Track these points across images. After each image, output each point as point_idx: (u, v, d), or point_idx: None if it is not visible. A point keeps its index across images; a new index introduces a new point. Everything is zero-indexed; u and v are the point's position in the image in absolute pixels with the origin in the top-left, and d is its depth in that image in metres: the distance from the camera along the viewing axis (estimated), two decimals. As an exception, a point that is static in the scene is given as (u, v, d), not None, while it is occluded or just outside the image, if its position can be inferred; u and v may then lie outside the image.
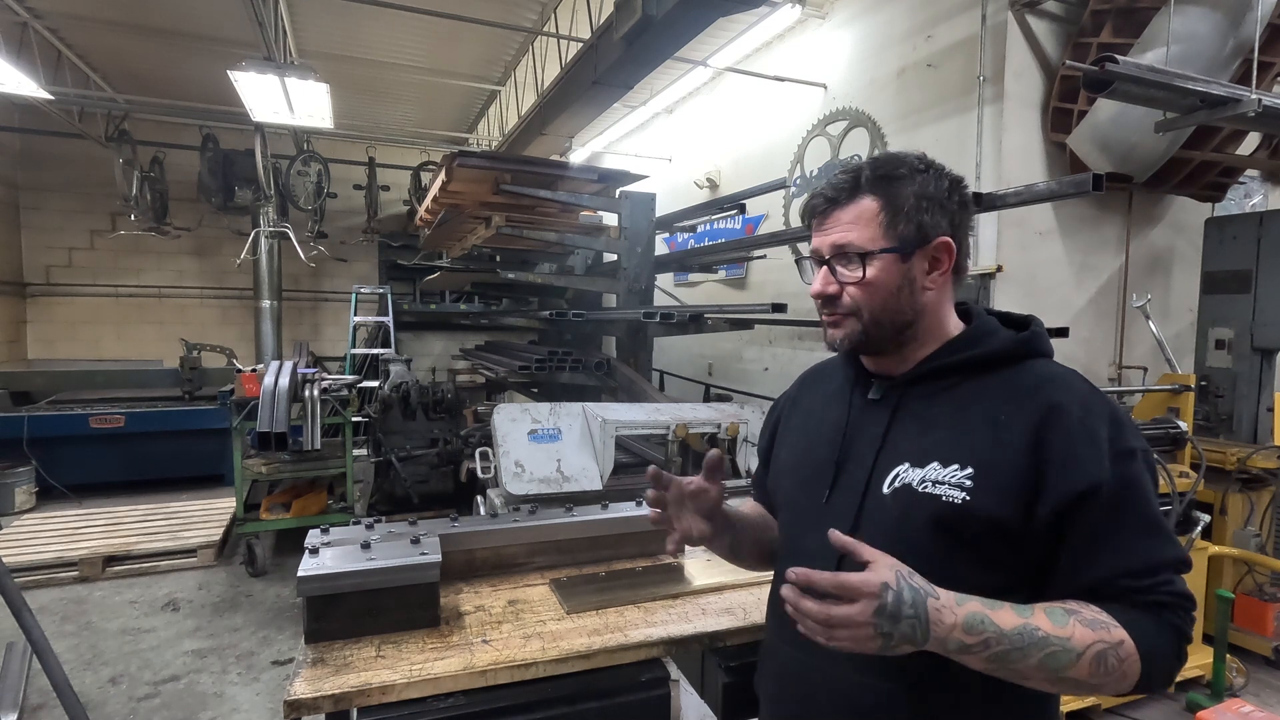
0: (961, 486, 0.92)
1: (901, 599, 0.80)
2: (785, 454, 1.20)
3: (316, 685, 1.17)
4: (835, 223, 1.02)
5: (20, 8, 5.99)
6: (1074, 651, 0.83)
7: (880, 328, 1.02)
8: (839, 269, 1.02)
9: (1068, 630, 0.83)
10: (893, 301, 1.01)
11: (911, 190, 0.99)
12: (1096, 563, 0.89)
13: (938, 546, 0.93)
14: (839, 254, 1.01)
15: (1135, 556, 0.89)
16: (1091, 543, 0.89)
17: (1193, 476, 3.16)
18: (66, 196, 8.93)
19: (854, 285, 1.01)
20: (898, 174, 1.00)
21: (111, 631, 3.61)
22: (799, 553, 1.08)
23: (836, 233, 1.01)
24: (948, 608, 0.82)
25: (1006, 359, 1.00)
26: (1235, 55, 3.49)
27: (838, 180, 1.03)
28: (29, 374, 7.37)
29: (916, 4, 4.67)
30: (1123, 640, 0.84)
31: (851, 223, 1.00)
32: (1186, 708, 2.97)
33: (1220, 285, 4.21)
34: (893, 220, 0.99)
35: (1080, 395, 0.95)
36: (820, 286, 1.03)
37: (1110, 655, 0.83)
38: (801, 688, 1.07)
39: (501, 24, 5.99)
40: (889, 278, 1.00)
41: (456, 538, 1.61)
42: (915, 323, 1.03)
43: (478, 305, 8.35)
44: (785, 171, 5.83)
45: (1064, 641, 0.82)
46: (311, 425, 4.23)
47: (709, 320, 4.39)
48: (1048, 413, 0.92)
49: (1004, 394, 0.97)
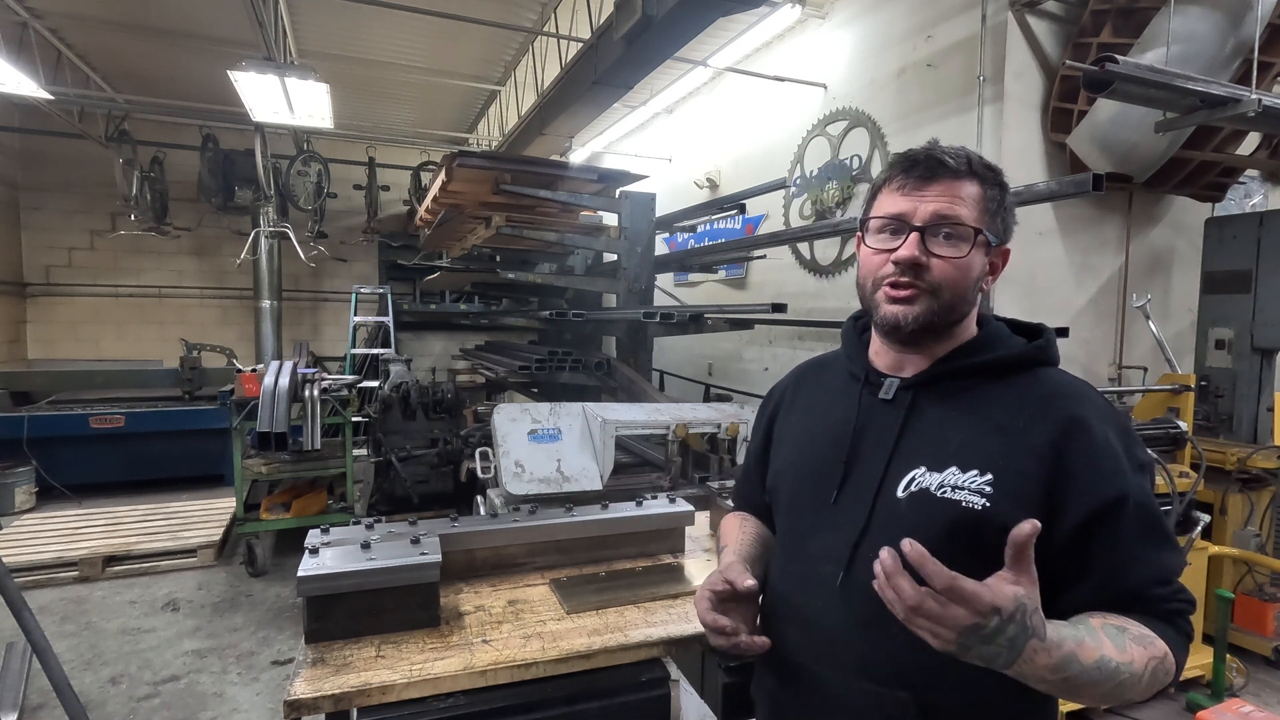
0: (981, 493, 0.91)
1: (1003, 631, 0.76)
2: (786, 451, 1.17)
3: (316, 685, 1.17)
4: (940, 192, 0.96)
5: (20, 8, 5.99)
6: (1137, 675, 0.83)
7: (950, 314, 0.98)
8: (930, 241, 0.96)
9: (1129, 654, 0.83)
10: (971, 291, 0.99)
11: (1004, 192, 1.00)
12: (1129, 573, 0.89)
13: (952, 554, 0.90)
14: (941, 224, 0.95)
15: (1158, 566, 0.90)
16: (1123, 554, 0.89)
17: (1193, 476, 3.15)
18: (66, 196, 8.93)
19: (948, 262, 0.95)
20: (998, 173, 1.00)
21: (111, 631, 3.61)
22: (803, 556, 1.05)
23: (943, 202, 0.96)
24: (1044, 650, 0.78)
25: (1019, 365, 1.00)
26: (1235, 55, 3.49)
27: (947, 150, 0.98)
28: (29, 374, 7.37)
29: (916, 4, 4.67)
30: (1165, 653, 0.86)
31: (960, 198, 0.96)
32: (1186, 708, 2.97)
33: (1220, 285, 4.21)
34: (993, 212, 0.98)
35: (1098, 409, 0.95)
36: (914, 251, 0.95)
37: (1160, 671, 0.85)
38: (805, 696, 1.04)
39: (501, 24, 5.99)
40: (976, 265, 0.98)
41: (456, 538, 1.61)
42: (963, 319, 1.01)
43: (478, 305, 8.36)
44: (785, 171, 5.83)
45: (1129, 667, 0.83)
46: (311, 425, 4.23)
47: (709, 320, 4.39)
48: (1069, 426, 0.92)
49: (1019, 401, 0.96)
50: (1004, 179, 1.01)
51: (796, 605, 1.05)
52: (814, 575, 1.02)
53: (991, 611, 0.75)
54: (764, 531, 1.24)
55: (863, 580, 0.94)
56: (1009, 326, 1.08)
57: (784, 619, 1.07)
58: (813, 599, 1.02)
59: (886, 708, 0.94)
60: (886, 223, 0.99)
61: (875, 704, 0.95)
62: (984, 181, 0.98)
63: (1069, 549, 0.90)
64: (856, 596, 0.96)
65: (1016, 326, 1.08)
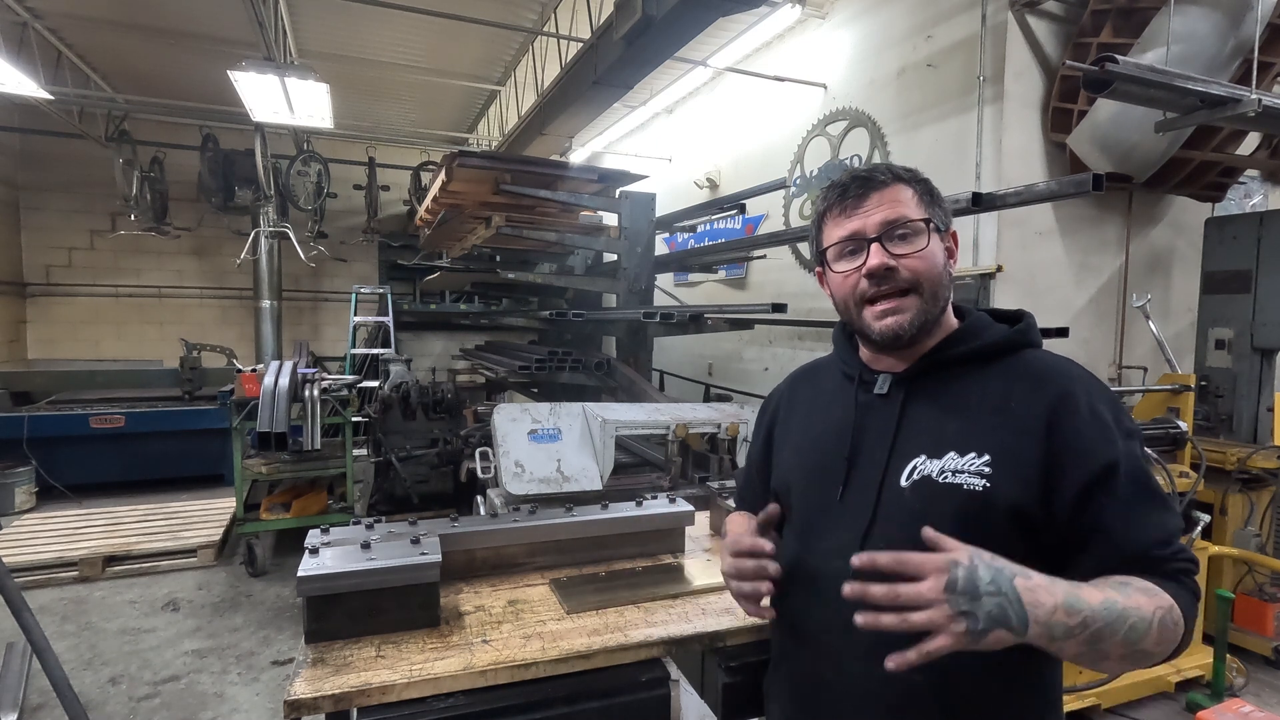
0: (981, 474, 0.94)
1: (976, 575, 0.78)
2: (789, 454, 1.19)
3: (316, 685, 1.17)
4: (878, 203, 1.02)
5: (20, 8, 5.99)
6: (1146, 620, 0.83)
7: (936, 304, 1.03)
8: (890, 245, 1.01)
9: (1134, 600, 0.84)
10: (944, 276, 1.04)
11: (929, 184, 1.07)
12: (1130, 536, 0.91)
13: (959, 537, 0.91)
14: (892, 228, 1.01)
15: (1158, 527, 0.92)
16: (1121, 518, 0.91)
17: (1193, 476, 3.15)
18: (66, 196, 8.93)
19: (914, 257, 1.01)
20: (916, 172, 1.08)
21: (111, 631, 3.61)
22: (813, 553, 1.07)
23: (883, 210, 1.02)
24: (1043, 588, 0.79)
25: (1004, 350, 1.04)
26: (1235, 55, 3.49)
27: (865, 170, 1.06)
28: (29, 374, 7.37)
29: (916, 4, 4.67)
30: (1172, 604, 0.86)
31: (898, 200, 1.02)
32: (1186, 708, 2.97)
33: (1220, 285, 4.21)
34: (929, 203, 1.05)
35: (1084, 382, 0.99)
36: (882, 259, 1.00)
37: (1169, 619, 0.85)
38: (822, 690, 1.06)
39: (501, 24, 5.99)
40: (939, 252, 1.03)
41: (456, 538, 1.61)
42: (945, 309, 1.06)
43: (478, 305, 8.35)
44: (785, 171, 5.83)
45: (1138, 611, 0.83)
46: (311, 425, 4.23)
47: (709, 320, 4.39)
48: (1058, 401, 0.95)
49: (1008, 383, 1.00)
50: (921, 175, 1.08)
51: (811, 600, 1.07)
52: (827, 570, 1.04)
53: (950, 564, 0.78)
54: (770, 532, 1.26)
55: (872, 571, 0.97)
56: (990, 315, 1.12)
57: (799, 614, 1.10)
58: (826, 592, 1.03)
59: (903, 695, 0.97)
60: (844, 246, 1.05)
61: (892, 692, 0.97)
62: (909, 181, 1.05)
63: (1070, 519, 0.92)
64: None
65: (997, 315, 1.12)
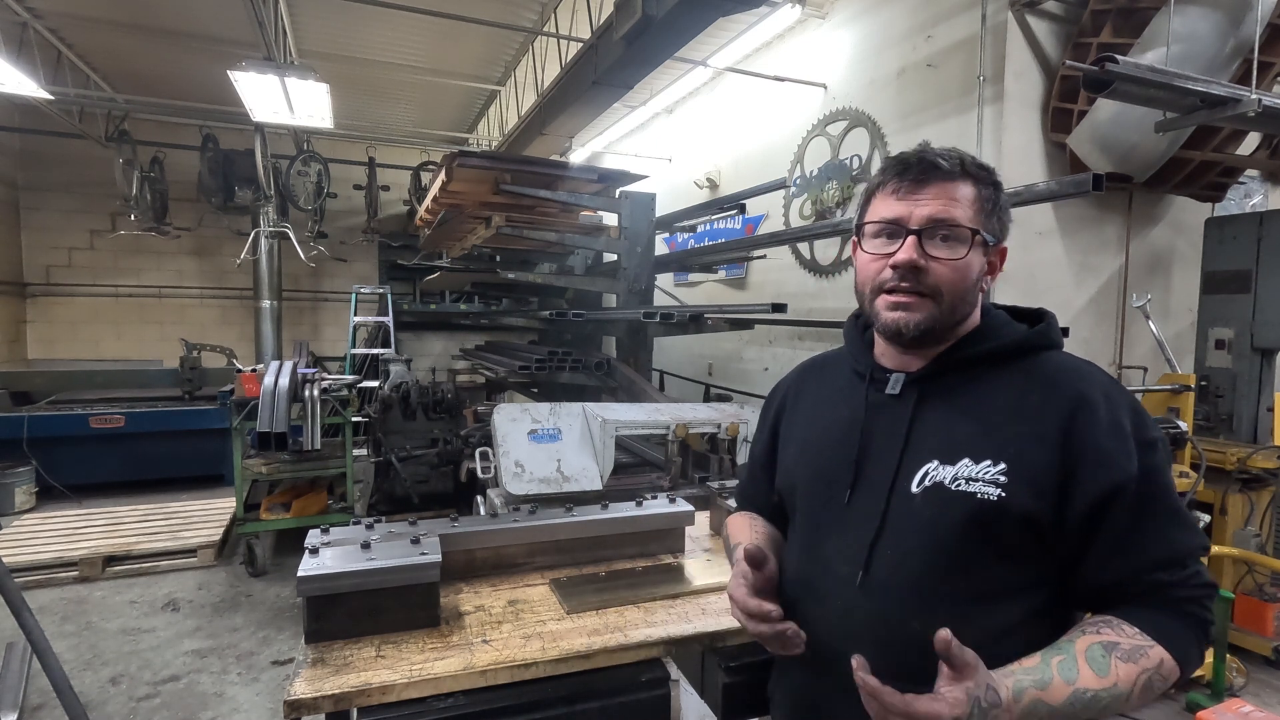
0: (996, 483, 0.91)
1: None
2: (794, 451, 1.15)
3: (316, 685, 1.17)
4: (934, 195, 0.95)
5: (20, 8, 5.99)
6: (1123, 694, 0.83)
7: (952, 316, 0.97)
8: (928, 244, 0.95)
9: (1111, 677, 0.83)
10: (971, 293, 0.98)
11: (998, 191, 1.00)
12: (1128, 557, 0.89)
13: (971, 546, 0.91)
14: (937, 226, 0.95)
15: (1166, 547, 0.90)
16: (1124, 536, 0.89)
17: (1193, 476, 3.15)
18: (66, 196, 8.93)
19: (946, 265, 0.94)
20: (991, 172, 1.00)
21: (111, 631, 3.61)
22: (817, 558, 1.04)
23: (935, 205, 0.95)
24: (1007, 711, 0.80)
25: (1023, 351, 1.00)
26: (1235, 55, 3.49)
27: (939, 152, 0.97)
28: (29, 374, 7.37)
29: (916, 4, 4.67)
30: (1161, 660, 0.85)
31: (955, 200, 0.95)
32: (1186, 708, 2.97)
33: (1220, 285, 4.21)
34: (989, 211, 0.98)
35: (1103, 387, 0.95)
36: (912, 255, 0.94)
37: (1155, 679, 0.85)
38: (821, 700, 1.04)
39: (501, 24, 5.99)
40: (975, 266, 0.97)
41: (456, 538, 1.61)
42: (967, 316, 1.00)
43: (478, 305, 8.35)
44: (785, 171, 5.83)
45: (1111, 690, 0.83)
46: (311, 425, 4.23)
47: (709, 320, 4.39)
48: (1075, 407, 0.92)
49: (1025, 387, 0.96)
50: (997, 178, 1.01)
51: (816, 606, 1.04)
52: (832, 576, 1.01)
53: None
54: (774, 532, 1.23)
55: (882, 579, 0.95)
56: (1009, 313, 1.07)
57: (804, 619, 1.07)
58: (833, 599, 1.01)
59: None
60: (882, 227, 0.98)
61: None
62: (978, 182, 0.98)
63: (1079, 531, 0.90)
64: (876, 595, 0.96)
65: (1017, 313, 1.07)
